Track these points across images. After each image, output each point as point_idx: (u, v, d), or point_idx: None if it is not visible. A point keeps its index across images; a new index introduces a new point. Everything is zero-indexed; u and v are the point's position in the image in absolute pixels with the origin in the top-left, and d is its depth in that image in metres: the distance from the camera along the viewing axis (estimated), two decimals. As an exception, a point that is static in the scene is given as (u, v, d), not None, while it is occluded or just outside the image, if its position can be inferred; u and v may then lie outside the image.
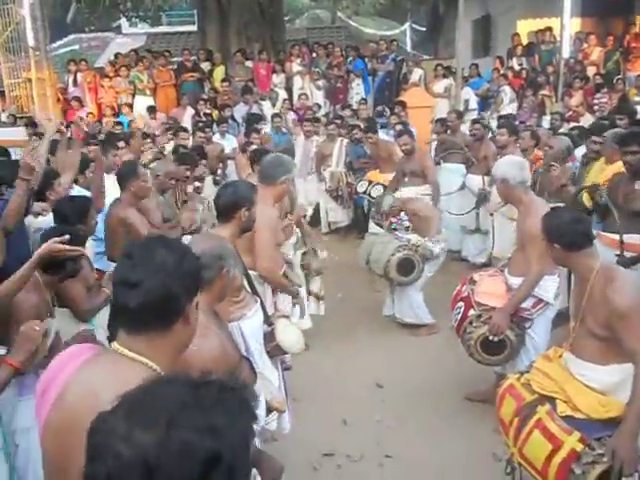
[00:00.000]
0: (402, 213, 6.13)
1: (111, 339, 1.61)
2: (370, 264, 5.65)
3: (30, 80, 11.35)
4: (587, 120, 9.08)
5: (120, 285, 1.51)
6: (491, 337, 3.92)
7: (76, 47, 22.57)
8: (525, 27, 14.52)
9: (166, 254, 1.53)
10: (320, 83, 12.15)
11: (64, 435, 1.39)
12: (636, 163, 4.39)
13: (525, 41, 13.45)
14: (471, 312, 4.05)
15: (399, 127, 8.08)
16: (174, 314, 1.51)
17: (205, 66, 12.72)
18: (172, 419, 0.95)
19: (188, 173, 5.99)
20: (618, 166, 4.77)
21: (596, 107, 9.83)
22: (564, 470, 2.58)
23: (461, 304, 4.14)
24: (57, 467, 1.42)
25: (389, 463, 3.86)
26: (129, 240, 4.03)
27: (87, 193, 4.64)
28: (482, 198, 6.82)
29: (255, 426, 1.05)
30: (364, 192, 8.08)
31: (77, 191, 4.80)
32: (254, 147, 7.11)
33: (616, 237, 4.41)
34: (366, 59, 12.65)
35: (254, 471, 2.48)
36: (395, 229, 6.10)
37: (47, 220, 4.00)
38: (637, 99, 10.31)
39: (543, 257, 3.57)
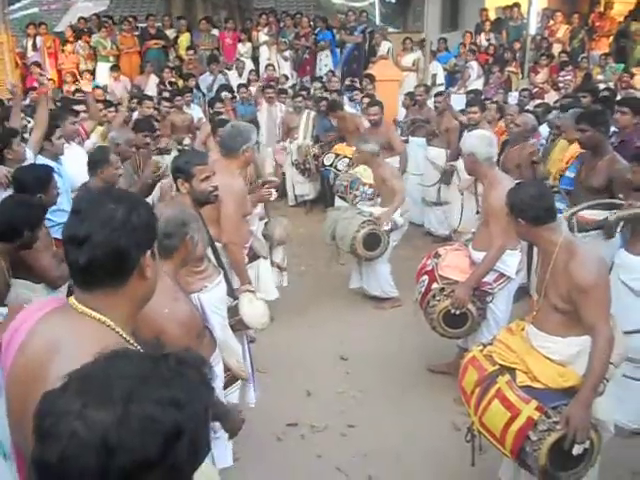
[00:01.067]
0: (365, 186, 6.14)
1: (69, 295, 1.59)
2: (336, 241, 5.65)
3: (-13, 44, 10.94)
4: (552, 97, 9.17)
5: (69, 242, 1.46)
6: (453, 310, 3.98)
7: (36, 10, 21.74)
8: (493, 2, 14.51)
9: (114, 208, 1.46)
10: (287, 54, 11.99)
11: (25, 383, 1.39)
12: (585, 141, 4.52)
13: (493, 16, 13.47)
14: (434, 285, 4.10)
15: (366, 100, 8.05)
16: (125, 269, 1.47)
17: (170, 33, 12.41)
18: (131, 393, 0.91)
19: (148, 140, 5.90)
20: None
21: (561, 84, 9.93)
22: (521, 437, 2.65)
23: (425, 277, 4.19)
24: (19, 416, 1.39)
25: (352, 433, 3.91)
26: None
27: (51, 163, 4.51)
28: (448, 174, 6.86)
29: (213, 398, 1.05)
30: (330, 165, 8.04)
31: (41, 161, 4.67)
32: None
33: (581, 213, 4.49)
34: (334, 30, 12.51)
35: (217, 424, 2.49)
36: (360, 202, 6.12)
37: None
38: (600, 77, 10.45)
39: (506, 232, 3.62)
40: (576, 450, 2.56)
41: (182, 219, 2.45)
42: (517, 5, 12.69)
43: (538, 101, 8.60)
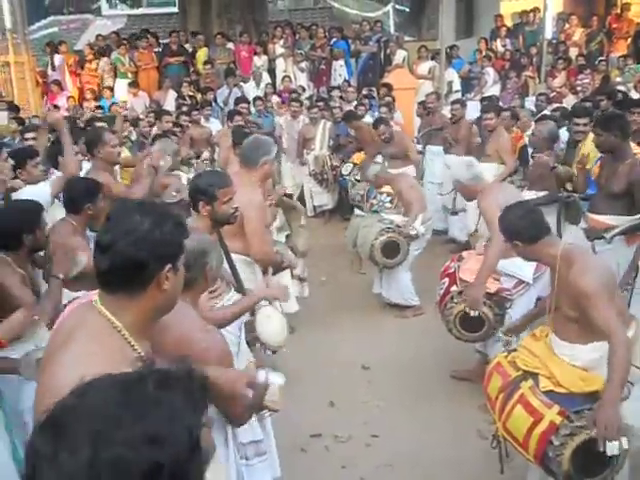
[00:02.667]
0: (383, 195, 6.14)
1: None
2: (357, 248, 5.67)
3: (8, 64, 11.15)
4: (570, 101, 9.12)
5: (97, 246, 1.57)
6: (471, 312, 3.98)
7: (55, 29, 22.13)
8: (508, 8, 14.49)
9: (140, 220, 1.54)
10: (303, 65, 12.06)
11: (44, 364, 1.57)
12: (600, 145, 4.53)
13: (509, 22, 13.43)
14: (453, 288, 4.12)
15: (384, 110, 8.10)
16: (142, 279, 1.55)
17: (188, 47, 12.57)
18: (97, 434, 0.85)
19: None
20: None
21: (579, 88, 9.85)
22: (543, 441, 2.64)
23: (445, 280, 4.22)
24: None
25: (376, 442, 3.90)
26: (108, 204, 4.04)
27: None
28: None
29: (204, 416, 0.97)
30: (348, 174, 8.07)
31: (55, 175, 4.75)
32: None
33: (599, 218, 4.47)
34: (349, 40, 12.57)
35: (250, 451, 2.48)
36: (376, 211, 6.12)
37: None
38: (619, 80, 10.36)
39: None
40: (610, 449, 2.52)
41: (202, 249, 2.40)
42: (534, 10, 12.65)
43: (556, 105, 8.55)
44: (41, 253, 3.46)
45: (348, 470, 3.66)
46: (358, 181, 7.80)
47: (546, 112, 7.86)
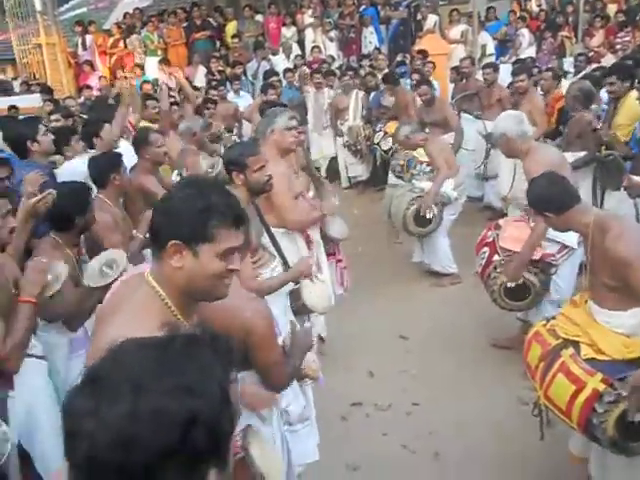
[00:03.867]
0: (423, 164, 6.04)
1: None
2: (392, 218, 5.64)
3: (40, 46, 11.29)
4: (609, 60, 8.81)
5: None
6: (509, 284, 3.91)
7: (84, 9, 22.22)
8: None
9: (180, 192, 1.62)
10: (332, 34, 11.90)
11: (96, 329, 1.70)
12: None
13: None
14: (495, 257, 4.05)
15: (416, 77, 7.93)
16: (157, 245, 1.60)
17: (214, 20, 12.50)
18: (137, 386, 0.90)
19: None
20: None
21: (618, 46, 9.52)
22: (587, 409, 2.62)
23: (486, 249, 4.14)
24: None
25: (417, 411, 3.92)
26: (146, 207, 4.09)
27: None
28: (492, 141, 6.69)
29: (232, 374, 1.02)
30: (377, 144, 8.00)
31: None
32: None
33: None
34: (379, 7, 12.34)
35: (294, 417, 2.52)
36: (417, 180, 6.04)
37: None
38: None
39: None
40: (638, 417, 2.50)
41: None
42: (569, -34, 12.21)
43: (595, 65, 8.28)
44: None
45: (389, 437, 3.70)
46: (385, 152, 7.72)
47: (585, 72, 7.63)
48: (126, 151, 5.02)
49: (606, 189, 5.04)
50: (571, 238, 3.89)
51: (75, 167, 4.26)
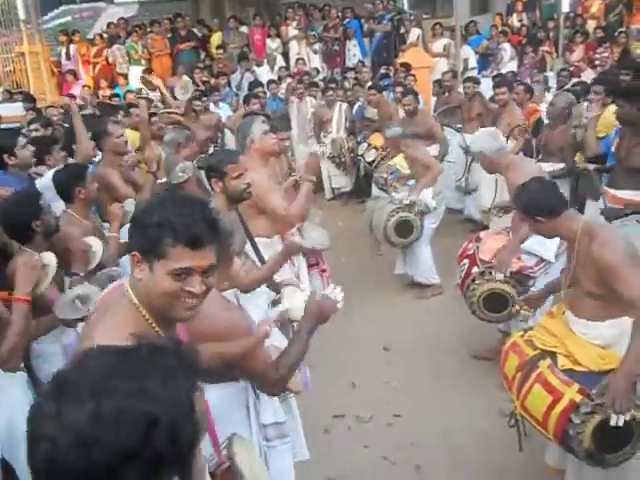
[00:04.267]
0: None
1: None
2: (373, 231, 5.67)
3: (23, 54, 11.21)
4: (589, 75, 8.96)
5: None
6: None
7: (68, 18, 22.11)
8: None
9: (161, 202, 1.60)
10: (317, 47, 11.98)
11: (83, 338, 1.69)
12: (621, 117, 4.49)
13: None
14: (475, 269, 4.09)
15: (400, 88, 7.99)
16: (130, 249, 1.61)
17: (198, 31, 12.52)
18: (99, 389, 0.92)
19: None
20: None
21: (597, 62, 9.69)
22: (563, 420, 2.64)
23: (466, 261, 4.20)
24: None
25: (398, 422, 3.93)
26: (110, 201, 4.12)
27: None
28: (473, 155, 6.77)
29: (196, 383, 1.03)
30: (361, 155, 8.04)
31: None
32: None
33: (617, 193, 4.43)
34: (362, 20, 12.44)
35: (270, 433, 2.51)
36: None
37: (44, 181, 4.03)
38: (639, 52, 10.17)
39: None
40: (614, 421, 2.52)
41: (227, 230, 2.40)
42: (549, -18, 12.43)
43: (575, 80, 8.42)
44: None
45: (371, 449, 3.70)
46: (369, 164, 7.76)
47: (567, 87, 7.74)
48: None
49: (586, 198, 5.13)
50: (549, 252, 3.94)
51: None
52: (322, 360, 4.54)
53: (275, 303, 3.30)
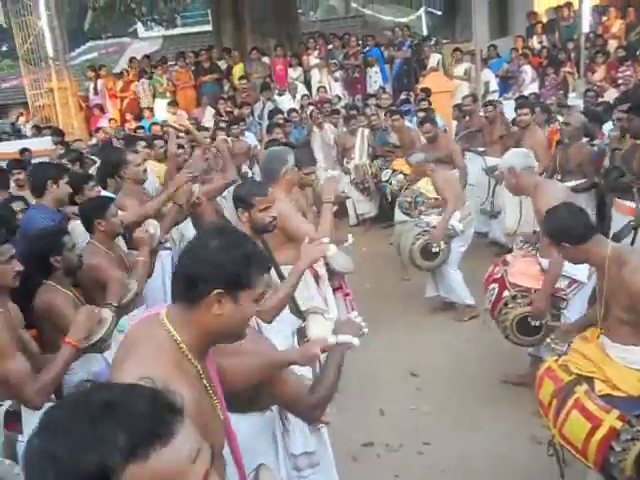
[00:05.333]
0: (431, 200, 6.09)
1: None
2: (400, 255, 5.67)
3: (52, 90, 11.53)
4: (612, 94, 8.90)
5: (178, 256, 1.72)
6: (533, 322, 3.90)
7: (94, 54, 22.78)
8: (542, 4, 14.29)
9: (211, 240, 1.64)
10: (338, 75, 12.11)
11: (113, 372, 1.63)
12: (631, 129, 4.66)
13: (543, 18, 13.23)
14: (505, 293, 4.03)
15: (421, 114, 8.04)
16: (191, 295, 1.60)
17: (222, 64, 12.77)
18: (47, 425, 0.97)
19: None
20: None
21: (620, 81, 9.63)
22: (604, 447, 2.57)
23: (494, 285, 4.13)
24: None
25: (428, 450, 3.86)
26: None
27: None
28: (497, 177, 6.75)
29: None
30: (387, 181, 8.05)
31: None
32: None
33: (632, 205, 4.45)
34: (382, 47, 12.57)
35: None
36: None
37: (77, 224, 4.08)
38: (663, 70, 10.08)
39: None
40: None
41: None
42: (568, 4, 12.43)
43: (598, 100, 8.38)
44: None
45: (400, 478, 3.63)
46: (394, 188, 7.76)
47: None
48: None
49: (610, 213, 5.14)
50: (581, 272, 3.88)
51: None
52: (350, 387, 4.51)
53: (301, 331, 3.28)
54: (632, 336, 2.75)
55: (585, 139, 5.98)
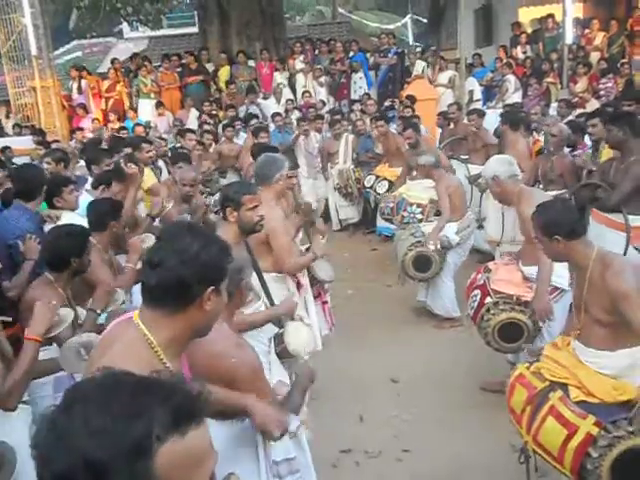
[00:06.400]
0: (413, 206, 6.11)
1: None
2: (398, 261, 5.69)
3: (35, 89, 11.41)
4: (593, 106, 9.02)
5: (146, 263, 1.66)
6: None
7: (79, 53, 22.64)
8: (526, 15, 14.47)
9: (190, 242, 1.63)
10: (323, 80, 12.12)
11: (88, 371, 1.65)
12: (608, 139, 4.83)
13: (528, 29, 13.38)
14: (488, 300, 4.06)
15: (399, 122, 8.10)
16: (185, 298, 1.61)
17: (209, 67, 12.73)
18: (68, 406, 0.96)
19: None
20: None
21: (602, 92, 9.76)
22: (580, 454, 2.59)
23: (477, 292, 4.15)
24: None
25: (407, 457, 3.87)
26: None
27: None
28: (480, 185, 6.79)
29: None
30: (370, 187, 8.07)
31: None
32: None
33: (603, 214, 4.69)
34: (368, 54, 12.61)
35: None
36: (408, 222, 6.09)
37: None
38: (642, 82, 10.23)
39: None
40: None
41: (238, 266, 2.38)
42: (551, 15, 12.57)
43: (579, 111, 8.47)
44: None
45: (380, 485, 3.62)
46: (379, 194, 7.77)
47: (570, 118, 7.79)
48: None
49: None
50: (562, 280, 3.92)
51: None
52: (328, 392, 4.50)
53: (277, 338, 3.27)
54: (608, 341, 2.78)
55: (567, 149, 6.06)
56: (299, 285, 4.09)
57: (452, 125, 8.36)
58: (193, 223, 2.18)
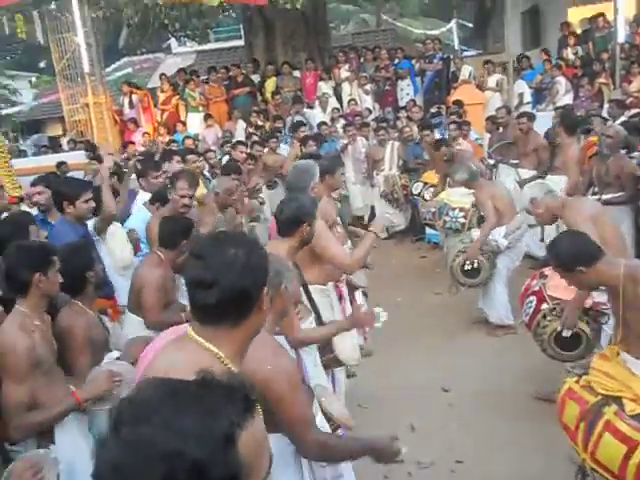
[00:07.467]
0: (455, 210, 6.03)
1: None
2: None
3: (88, 105, 11.77)
4: (648, 106, 8.73)
5: (195, 285, 1.61)
6: (565, 333, 3.81)
7: (129, 70, 23.27)
8: (576, 15, 14.14)
9: (235, 252, 1.61)
10: (368, 87, 12.10)
11: None
12: None
13: (577, 29, 13.07)
14: (544, 306, 3.97)
15: (453, 126, 8.03)
16: (250, 306, 1.62)
17: (255, 78, 12.88)
18: (139, 418, 0.97)
19: (237, 183, 5.98)
20: None
21: (657, 92, 9.43)
22: (643, 470, 2.48)
23: (532, 298, 4.06)
24: None
25: (460, 468, 3.79)
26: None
27: None
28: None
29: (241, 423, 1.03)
30: (418, 194, 8.00)
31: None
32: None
33: None
34: (413, 60, 12.54)
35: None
36: (450, 228, 6.02)
37: None
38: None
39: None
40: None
41: (275, 269, 2.34)
42: (602, 14, 12.25)
43: (634, 111, 8.20)
44: None
45: (433, 497, 3.56)
46: (426, 201, 7.71)
47: (623, 118, 7.56)
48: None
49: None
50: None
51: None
52: (379, 401, 4.46)
53: (325, 348, 3.26)
54: None
55: (623, 151, 5.87)
56: (341, 297, 4.08)
57: (501, 129, 8.22)
58: (223, 232, 2.15)
